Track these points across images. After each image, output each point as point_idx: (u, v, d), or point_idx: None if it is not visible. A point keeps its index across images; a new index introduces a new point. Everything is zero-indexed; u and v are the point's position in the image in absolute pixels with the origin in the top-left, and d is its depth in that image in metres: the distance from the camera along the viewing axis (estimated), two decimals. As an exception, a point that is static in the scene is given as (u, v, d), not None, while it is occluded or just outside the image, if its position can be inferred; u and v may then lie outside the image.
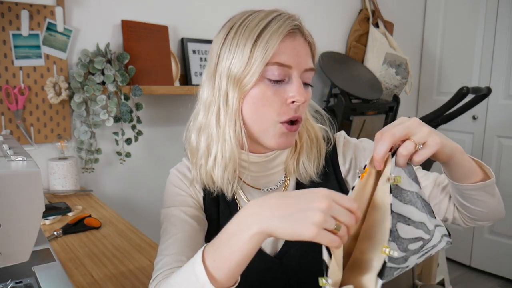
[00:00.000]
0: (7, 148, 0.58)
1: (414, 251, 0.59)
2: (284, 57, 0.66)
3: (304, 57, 0.69)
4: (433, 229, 0.59)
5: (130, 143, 1.59)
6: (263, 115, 0.69)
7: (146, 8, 1.64)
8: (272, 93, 0.67)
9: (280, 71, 0.67)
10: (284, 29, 0.67)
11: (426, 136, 0.55)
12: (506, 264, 2.55)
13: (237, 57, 0.67)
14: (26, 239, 0.54)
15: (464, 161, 0.63)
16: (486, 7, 2.55)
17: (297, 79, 0.68)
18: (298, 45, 0.69)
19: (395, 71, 2.39)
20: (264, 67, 0.66)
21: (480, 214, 0.71)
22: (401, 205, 0.57)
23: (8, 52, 1.35)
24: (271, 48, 0.65)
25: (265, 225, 0.50)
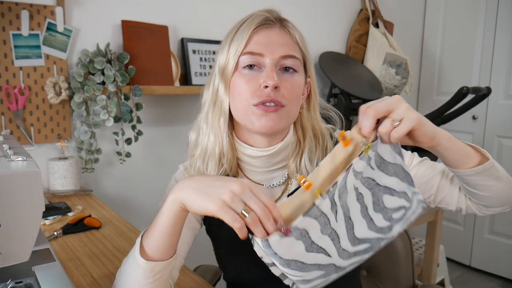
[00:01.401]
0: (7, 148, 0.58)
1: (397, 219, 0.61)
2: (256, 46, 0.72)
3: (279, 45, 0.73)
4: (412, 197, 0.61)
5: (130, 143, 1.59)
6: (240, 101, 0.74)
7: (146, 8, 1.64)
8: (247, 80, 0.73)
9: (252, 59, 0.72)
10: (253, 21, 0.73)
11: (404, 113, 0.57)
12: (506, 264, 2.55)
13: (222, 54, 0.76)
14: (26, 239, 0.54)
15: (454, 145, 0.65)
16: (486, 7, 2.55)
17: (269, 65, 0.72)
18: (272, 35, 0.73)
19: (395, 71, 2.39)
20: (239, 57, 0.73)
21: (490, 200, 0.70)
22: (387, 178, 0.60)
23: (8, 52, 1.36)
24: (243, 40, 0.73)
25: (179, 194, 0.57)
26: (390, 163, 0.60)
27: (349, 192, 0.60)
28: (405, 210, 0.61)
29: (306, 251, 0.58)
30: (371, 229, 0.61)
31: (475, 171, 0.66)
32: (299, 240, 0.58)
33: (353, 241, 0.62)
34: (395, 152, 0.60)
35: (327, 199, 0.58)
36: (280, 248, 0.56)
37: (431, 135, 0.61)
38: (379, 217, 0.61)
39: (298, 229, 0.57)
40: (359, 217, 0.61)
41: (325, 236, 0.60)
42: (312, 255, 0.59)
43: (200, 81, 1.74)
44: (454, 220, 2.80)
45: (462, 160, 0.66)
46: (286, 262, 0.58)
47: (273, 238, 0.55)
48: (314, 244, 0.59)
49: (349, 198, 0.60)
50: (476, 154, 0.67)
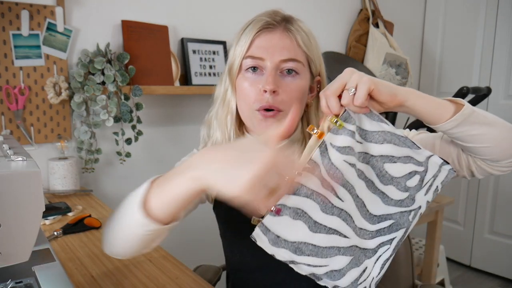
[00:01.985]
0: (7, 148, 0.58)
1: (416, 187, 0.61)
2: (257, 50, 0.75)
3: (280, 49, 0.75)
4: (425, 160, 0.60)
5: (130, 143, 1.59)
6: (245, 105, 0.77)
7: (146, 8, 1.64)
8: (249, 83, 0.76)
9: (254, 63, 0.75)
10: (255, 25, 0.76)
11: (357, 80, 0.59)
12: (506, 264, 2.55)
13: (231, 53, 0.80)
14: (26, 239, 0.54)
15: (424, 99, 0.64)
16: (486, 7, 2.55)
17: (269, 69, 0.74)
18: (274, 39, 0.75)
19: (395, 71, 2.39)
20: (242, 60, 0.76)
21: (492, 151, 0.66)
22: (378, 146, 0.60)
23: (8, 52, 1.36)
24: (245, 44, 0.76)
25: (203, 173, 0.50)
26: (375, 131, 0.60)
27: (345, 170, 0.59)
28: (420, 175, 0.60)
29: (312, 231, 0.58)
30: (388, 203, 0.61)
31: (455, 121, 0.63)
32: (298, 220, 0.58)
33: (370, 219, 0.61)
34: (375, 120, 0.61)
35: (314, 178, 0.58)
36: (279, 229, 0.56)
37: (390, 92, 0.61)
38: (392, 189, 0.60)
39: (290, 208, 0.57)
40: (368, 193, 0.61)
41: (332, 216, 0.59)
42: (323, 237, 0.59)
43: (200, 81, 1.74)
44: (454, 220, 2.80)
45: (437, 112, 0.64)
46: (296, 246, 0.57)
47: (266, 219, 0.56)
48: (319, 224, 0.59)
49: (349, 176, 0.60)
50: (451, 104, 0.65)
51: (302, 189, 0.58)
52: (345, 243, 0.60)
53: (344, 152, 0.59)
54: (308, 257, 0.58)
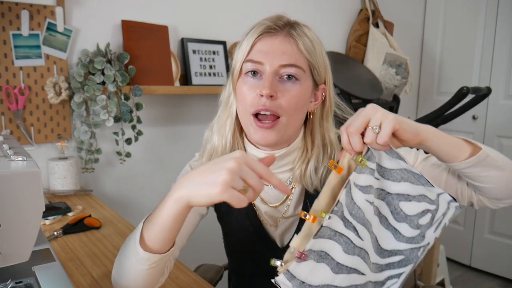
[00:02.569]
0: (7, 148, 0.58)
1: (427, 225, 0.61)
2: (257, 54, 0.74)
3: (279, 53, 0.74)
4: (436, 198, 0.61)
5: (130, 143, 1.59)
6: (242, 108, 0.77)
7: (146, 8, 1.64)
8: (248, 87, 0.75)
9: (253, 67, 0.75)
10: (257, 29, 0.75)
11: (381, 118, 0.59)
12: (506, 264, 2.55)
13: (234, 56, 0.79)
14: (26, 239, 0.54)
15: (443, 139, 0.65)
16: (486, 7, 2.55)
17: (267, 74, 0.73)
18: (274, 43, 0.74)
19: (395, 71, 2.39)
20: (242, 64, 0.76)
21: (496, 191, 0.70)
22: (396, 184, 0.60)
23: (8, 52, 1.36)
24: (245, 48, 0.75)
25: (182, 192, 0.56)
26: (394, 169, 0.61)
27: (366, 208, 0.60)
28: (432, 213, 0.61)
29: (334, 272, 0.58)
30: (400, 240, 0.61)
31: (469, 163, 0.66)
32: (321, 262, 0.57)
33: (381, 253, 0.61)
34: (394, 157, 0.60)
35: (335, 218, 0.58)
36: (304, 275, 0.56)
37: (414, 131, 0.61)
38: (405, 226, 0.61)
39: (314, 251, 0.57)
40: (381, 229, 0.61)
41: (353, 256, 0.59)
42: (344, 277, 0.59)
43: (200, 81, 1.74)
44: (454, 220, 2.80)
45: (454, 153, 0.66)
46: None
47: (292, 266, 0.55)
48: (341, 265, 0.58)
49: (368, 214, 0.60)
50: (467, 145, 0.67)
51: (326, 231, 0.58)
52: (362, 280, 0.60)
53: (366, 191, 0.59)
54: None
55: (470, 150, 0.67)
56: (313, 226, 0.59)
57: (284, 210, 0.83)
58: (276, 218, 0.83)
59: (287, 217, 0.83)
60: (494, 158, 0.67)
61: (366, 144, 0.59)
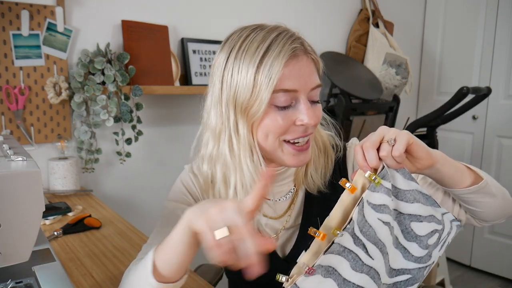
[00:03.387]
0: (7, 148, 0.58)
1: (434, 244, 0.62)
2: (289, 82, 0.65)
3: (309, 76, 0.68)
4: (442, 218, 0.62)
5: (130, 143, 1.59)
6: (272, 138, 0.69)
7: (146, 8, 1.64)
8: (281, 118, 0.67)
9: (287, 96, 0.66)
10: (285, 53, 0.65)
11: (394, 133, 0.60)
12: (506, 264, 2.55)
13: (241, 85, 0.66)
14: (26, 239, 0.54)
15: (450, 162, 0.66)
16: (486, 7, 2.55)
17: (304, 101, 0.67)
18: (302, 66, 0.67)
19: (395, 71, 2.39)
20: (272, 94, 0.65)
21: (486, 215, 0.72)
22: (409, 206, 0.61)
23: (8, 52, 1.35)
24: (274, 75, 0.64)
25: (189, 217, 0.54)
26: (406, 190, 0.61)
27: (378, 227, 0.59)
28: (439, 233, 0.62)
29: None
30: (409, 259, 0.62)
31: (470, 190, 0.67)
32: (328, 278, 0.57)
33: (390, 273, 0.62)
34: (407, 178, 0.61)
35: (346, 235, 0.58)
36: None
37: (427, 150, 0.62)
38: (414, 246, 0.62)
39: (322, 266, 0.57)
40: (392, 248, 0.61)
41: (361, 274, 0.58)
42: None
43: (200, 81, 1.74)
44: (454, 220, 2.79)
45: (458, 179, 0.67)
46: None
47: (299, 280, 0.55)
48: (347, 281, 0.58)
49: (381, 234, 0.60)
50: (470, 172, 0.68)
51: (336, 247, 0.57)
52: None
53: (379, 210, 0.59)
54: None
55: (472, 178, 0.68)
56: (323, 244, 0.58)
57: (285, 221, 0.81)
58: (277, 229, 0.82)
59: (288, 228, 0.82)
60: (491, 186, 0.68)
61: (381, 159, 0.59)
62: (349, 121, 2.16)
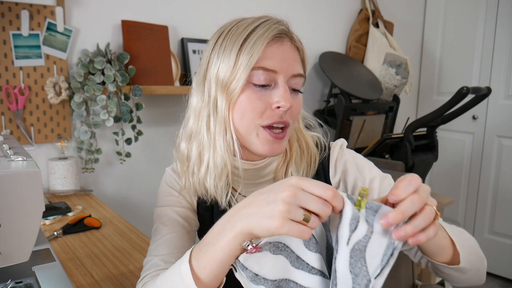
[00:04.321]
0: (7, 148, 0.58)
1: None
2: (270, 62, 0.66)
3: (291, 62, 0.68)
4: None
5: (130, 143, 1.59)
6: (247, 120, 0.68)
7: (146, 8, 1.64)
8: (257, 97, 0.67)
9: (266, 75, 0.66)
10: (269, 33, 0.66)
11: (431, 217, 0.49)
12: (506, 264, 2.55)
13: (224, 62, 0.68)
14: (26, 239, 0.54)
15: (441, 237, 0.59)
16: (486, 7, 2.55)
17: (283, 84, 0.67)
18: (285, 50, 0.68)
19: (395, 71, 2.39)
20: (250, 72, 0.65)
21: (453, 283, 0.68)
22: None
23: (8, 52, 1.36)
24: (256, 53, 0.65)
25: (244, 223, 0.50)
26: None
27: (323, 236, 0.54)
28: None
29: (294, 267, 0.52)
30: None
31: (444, 267, 0.62)
32: (279, 254, 0.51)
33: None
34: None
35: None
36: (258, 266, 0.50)
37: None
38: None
39: (270, 243, 0.52)
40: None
41: (317, 254, 0.53)
42: (306, 275, 0.52)
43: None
44: (454, 220, 2.79)
45: (439, 252, 0.60)
46: (277, 285, 0.51)
47: (242, 257, 0.51)
48: (301, 260, 0.52)
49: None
50: (451, 247, 0.61)
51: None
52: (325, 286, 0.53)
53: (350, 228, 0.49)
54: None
55: (451, 254, 0.61)
56: None
57: None
58: None
59: None
60: (465, 268, 0.62)
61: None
62: (349, 121, 2.16)
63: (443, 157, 2.57)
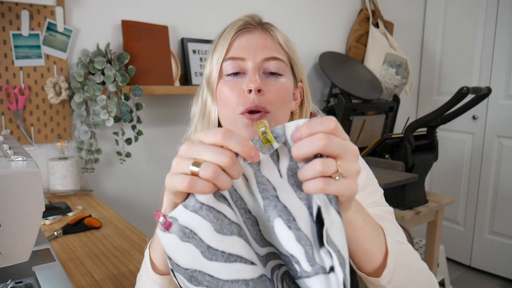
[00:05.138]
0: (7, 148, 0.58)
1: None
2: (237, 51, 0.70)
3: (261, 48, 0.71)
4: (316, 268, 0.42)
5: (130, 143, 1.59)
6: (227, 110, 0.71)
7: (146, 8, 1.64)
8: (230, 87, 0.70)
9: (234, 64, 0.70)
10: (234, 27, 0.71)
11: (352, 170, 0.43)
12: (506, 264, 2.55)
13: (207, 63, 0.75)
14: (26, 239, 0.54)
15: (368, 234, 0.49)
16: (486, 7, 2.55)
17: (251, 69, 0.69)
18: (253, 38, 0.71)
19: (395, 71, 2.39)
20: (222, 64, 0.71)
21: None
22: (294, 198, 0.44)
23: (8, 52, 1.36)
24: (223, 46, 0.71)
25: (164, 194, 0.46)
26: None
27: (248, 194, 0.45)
28: (296, 272, 0.43)
29: (206, 258, 0.43)
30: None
31: (365, 278, 0.53)
32: (187, 242, 0.42)
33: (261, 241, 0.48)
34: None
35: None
36: (171, 249, 0.42)
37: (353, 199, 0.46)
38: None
39: (179, 225, 0.42)
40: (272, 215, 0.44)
41: (232, 236, 0.44)
42: (221, 266, 0.43)
43: (200, 81, 1.74)
44: (454, 220, 2.79)
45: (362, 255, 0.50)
46: (190, 275, 0.43)
47: (158, 230, 0.43)
48: (213, 250, 0.43)
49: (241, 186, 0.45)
50: (379, 256, 0.51)
51: (190, 201, 0.42)
52: (254, 273, 0.45)
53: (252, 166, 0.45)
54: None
55: (376, 266, 0.51)
56: None
57: None
58: None
59: None
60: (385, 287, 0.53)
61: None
62: (349, 121, 2.16)
63: (443, 157, 2.57)
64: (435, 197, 1.99)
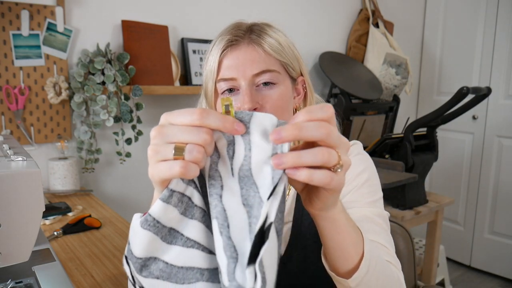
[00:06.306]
0: (7, 148, 0.58)
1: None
2: (227, 71, 0.71)
3: (250, 64, 0.70)
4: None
5: (130, 143, 1.59)
6: None
7: (146, 8, 1.64)
8: None
9: (227, 84, 0.71)
10: (218, 45, 0.72)
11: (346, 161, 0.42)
12: (506, 264, 2.55)
13: (203, 77, 0.76)
14: (26, 239, 0.54)
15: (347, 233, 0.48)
16: (486, 7, 2.55)
17: (243, 88, 0.70)
18: (240, 54, 0.71)
19: (395, 71, 2.39)
20: (216, 85, 0.72)
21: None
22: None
23: (8, 52, 1.35)
24: (213, 67, 0.72)
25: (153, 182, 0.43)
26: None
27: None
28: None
29: (165, 242, 0.41)
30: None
31: (335, 278, 0.52)
32: (146, 229, 0.40)
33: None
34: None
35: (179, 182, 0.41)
36: (132, 236, 0.41)
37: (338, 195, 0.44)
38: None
39: (148, 215, 0.41)
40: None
41: (191, 220, 0.41)
42: (179, 251, 0.41)
43: (200, 81, 1.74)
44: (454, 220, 2.79)
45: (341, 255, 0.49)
46: (142, 264, 0.41)
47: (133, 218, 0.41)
48: (174, 231, 0.41)
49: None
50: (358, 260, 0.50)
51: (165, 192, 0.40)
52: (210, 263, 0.42)
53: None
54: (157, 280, 0.40)
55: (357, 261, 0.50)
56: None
57: None
58: None
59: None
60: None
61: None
62: (349, 121, 2.16)
63: (443, 157, 2.57)
64: (435, 197, 1.99)
